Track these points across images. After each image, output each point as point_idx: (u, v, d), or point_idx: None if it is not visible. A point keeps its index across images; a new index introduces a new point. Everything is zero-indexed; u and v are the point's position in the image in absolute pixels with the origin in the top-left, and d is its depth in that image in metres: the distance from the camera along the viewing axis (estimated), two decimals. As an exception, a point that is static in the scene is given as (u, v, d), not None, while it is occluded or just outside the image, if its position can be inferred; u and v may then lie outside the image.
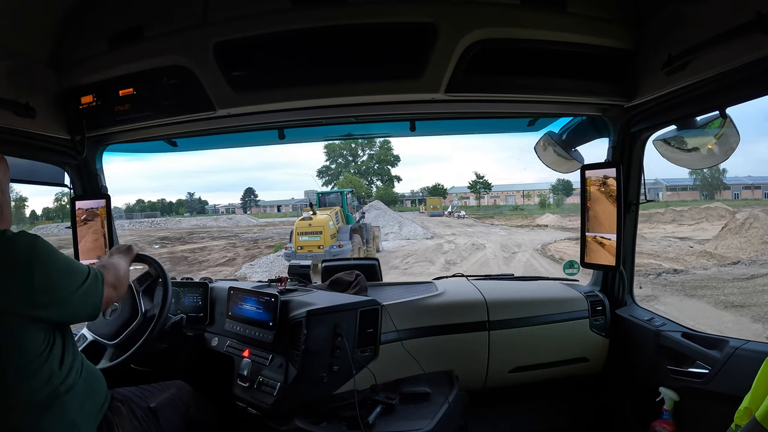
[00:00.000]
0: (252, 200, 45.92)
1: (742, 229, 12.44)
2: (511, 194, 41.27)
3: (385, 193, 40.46)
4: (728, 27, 1.12)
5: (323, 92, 1.53)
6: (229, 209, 44.52)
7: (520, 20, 1.44)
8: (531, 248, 14.73)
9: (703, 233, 14.78)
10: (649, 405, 1.68)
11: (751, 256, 10.99)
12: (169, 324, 1.66)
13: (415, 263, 12.69)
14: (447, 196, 40.46)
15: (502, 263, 12.48)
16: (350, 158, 43.57)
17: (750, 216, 12.79)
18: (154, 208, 43.07)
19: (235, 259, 14.95)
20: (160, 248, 18.75)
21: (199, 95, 1.55)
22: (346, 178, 39.68)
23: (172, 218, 36.97)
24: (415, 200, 42.44)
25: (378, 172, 43.74)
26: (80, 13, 1.58)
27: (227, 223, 32.58)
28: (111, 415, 1.20)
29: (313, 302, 1.59)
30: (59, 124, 1.72)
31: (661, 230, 17.47)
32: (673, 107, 1.52)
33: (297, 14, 1.44)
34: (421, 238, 18.41)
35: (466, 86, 1.50)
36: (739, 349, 1.42)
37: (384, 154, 43.24)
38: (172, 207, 44.25)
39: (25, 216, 31.30)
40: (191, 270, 13.64)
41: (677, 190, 33.59)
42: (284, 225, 25.34)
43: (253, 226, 28.80)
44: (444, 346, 1.79)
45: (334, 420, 1.45)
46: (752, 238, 11.83)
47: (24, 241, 1.03)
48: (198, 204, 45.00)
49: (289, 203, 45.98)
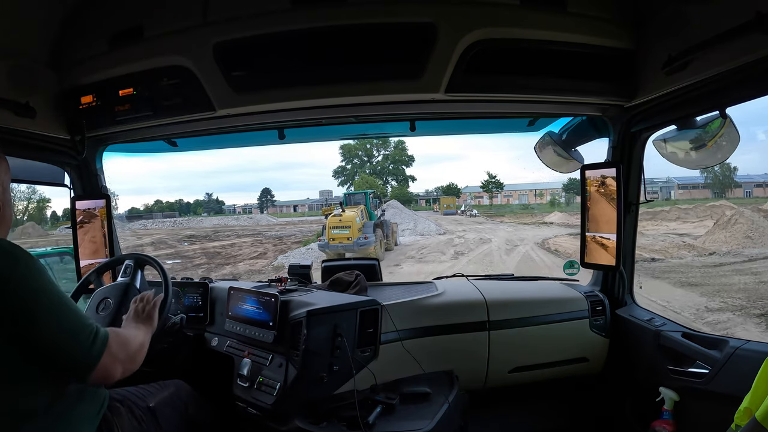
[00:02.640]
0: (269, 200, 46.41)
1: (728, 225, 13.47)
2: (525, 193, 41.64)
3: (400, 193, 41.03)
4: (728, 27, 1.12)
5: (323, 92, 1.53)
6: (246, 209, 45.09)
7: (520, 20, 1.44)
8: (532, 242, 15.95)
9: (704, 230, 15.39)
10: (649, 405, 1.68)
11: (730, 249, 12.13)
12: (169, 324, 1.66)
13: (428, 254, 14.38)
14: (461, 196, 41.34)
15: (504, 254, 13.89)
16: (365, 159, 44.00)
17: (736, 213, 13.88)
18: (172, 209, 43.67)
19: (266, 254, 16.30)
20: (189, 245, 19.35)
21: (199, 95, 1.55)
22: (362, 178, 40.16)
23: (193, 218, 37.53)
24: (429, 200, 43.13)
25: (393, 172, 44.31)
26: (80, 13, 1.59)
27: (248, 223, 33.51)
28: (110, 415, 1.20)
29: (313, 302, 1.59)
30: (59, 124, 1.72)
31: (664, 227, 18.11)
32: (673, 107, 1.52)
33: (297, 14, 1.44)
34: (434, 233, 20.03)
35: (466, 86, 1.50)
36: (739, 349, 1.42)
37: (399, 155, 43.80)
38: (189, 207, 44.91)
39: (47, 217, 31.29)
40: (228, 263, 14.76)
41: (689, 188, 33.71)
42: (303, 224, 28.25)
43: (274, 225, 30.15)
44: (444, 346, 1.79)
45: (334, 420, 1.45)
46: (736, 233, 12.87)
47: (9, 252, 0.95)
48: (215, 204, 45.60)
49: (305, 203, 46.63)
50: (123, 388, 1.34)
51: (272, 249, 17.40)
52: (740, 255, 11.43)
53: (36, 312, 0.94)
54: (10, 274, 0.93)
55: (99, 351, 1.01)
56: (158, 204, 45.29)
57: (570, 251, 13.21)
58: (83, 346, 0.99)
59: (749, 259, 11.00)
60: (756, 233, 12.62)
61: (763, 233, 12.59)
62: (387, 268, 11.74)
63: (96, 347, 1.00)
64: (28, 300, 0.94)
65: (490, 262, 12.89)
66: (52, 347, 0.97)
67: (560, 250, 13.86)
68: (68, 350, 0.98)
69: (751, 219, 13.26)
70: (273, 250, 17.20)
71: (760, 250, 11.59)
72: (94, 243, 2.02)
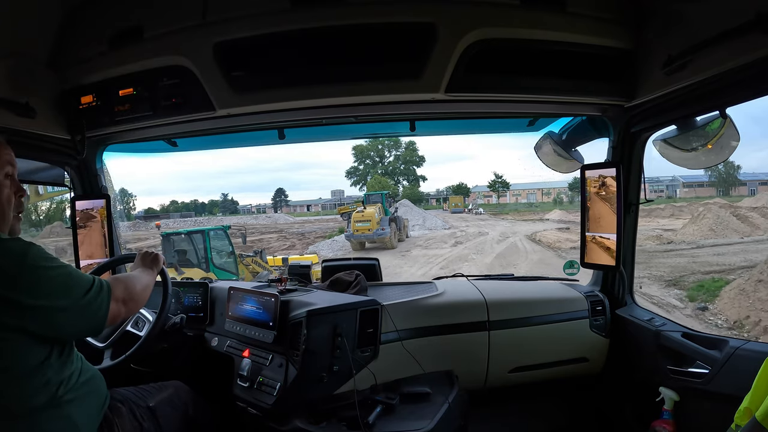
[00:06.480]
0: (282, 200, 46.92)
1: (697, 220, 15.43)
2: (532, 192, 42.06)
3: (411, 193, 42.47)
4: (728, 27, 1.12)
5: (323, 92, 1.53)
6: (260, 209, 45.92)
7: (520, 20, 1.44)
8: (522, 235, 18.85)
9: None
10: (649, 405, 1.68)
11: (692, 240, 14.02)
12: (169, 324, 1.66)
13: (433, 244, 17.84)
14: (470, 195, 42.86)
15: (495, 243, 16.89)
16: (377, 159, 44.61)
17: (705, 209, 15.97)
18: (188, 209, 44.45)
19: (294, 246, 19.57)
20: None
21: (199, 95, 1.55)
22: (375, 178, 41.49)
23: (211, 217, 38.43)
24: (439, 199, 44.89)
25: (404, 172, 45.65)
26: (80, 13, 1.58)
27: (267, 221, 35.19)
28: (111, 414, 1.20)
29: (313, 302, 1.59)
30: (59, 124, 1.72)
31: (654, 223, 19.57)
32: (673, 107, 1.52)
33: (296, 14, 1.43)
34: (440, 228, 23.54)
35: (465, 86, 1.50)
36: (739, 349, 1.42)
37: (410, 155, 44.81)
38: (204, 207, 45.76)
39: (66, 216, 31.61)
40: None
41: (694, 186, 33.91)
42: (320, 222, 31.31)
43: (293, 224, 32.70)
44: (444, 346, 1.79)
45: (334, 420, 1.45)
46: (703, 226, 14.79)
47: (17, 248, 0.99)
48: (231, 204, 46.02)
49: (317, 203, 47.48)
50: (124, 388, 1.34)
51: (299, 243, 20.57)
52: (693, 244, 13.38)
53: (52, 296, 0.99)
54: (22, 267, 0.97)
55: (107, 303, 1.08)
56: (174, 204, 46.28)
57: (551, 241, 16.21)
58: (93, 307, 1.06)
59: (697, 246, 12.93)
60: (719, 227, 14.50)
61: (726, 227, 14.45)
62: (399, 253, 15.75)
63: (103, 302, 1.08)
64: (43, 287, 0.99)
65: (482, 248, 15.85)
66: (70, 321, 1.03)
67: (543, 240, 16.56)
68: (83, 317, 1.05)
69: (717, 214, 15.09)
70: (299, 243, 20.41)
71: (713, 240, 13.49)
72: (95, 243, 2.02)
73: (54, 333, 1.02)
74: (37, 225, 20.43)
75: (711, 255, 11.43)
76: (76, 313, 1.03)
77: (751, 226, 14.49)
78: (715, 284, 8.69)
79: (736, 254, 11.17)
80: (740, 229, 14.33)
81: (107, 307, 1.08)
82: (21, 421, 0.98)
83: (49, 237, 17.63)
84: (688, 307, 7.99)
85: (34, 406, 0.99)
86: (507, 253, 14.45)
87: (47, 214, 19.96)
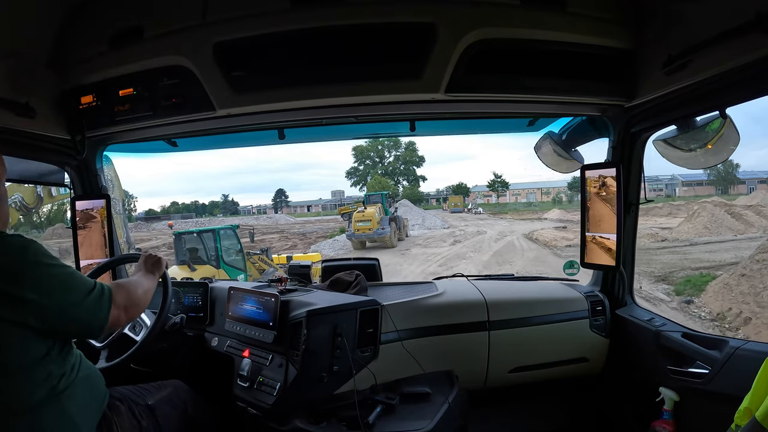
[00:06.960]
0: (283, 201, 47.08)
1: (692, 218, 15.50)
2: (532, 191, 42.14)
3: (411, 193, 42.73)
4: (728, 27, 1.12)
5: (323, 92, 1.53)
6: (260, 210, 46.14)
7: (520, 20, 1.44)
8: (519, 233, 19.10)
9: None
10: (649, 405, 1.68)
11: (685, 238, 13.99)
12: (169, 324, 1.66)
13: (432, 242, 18.10)
14: (470, 195, 42.96)
15: (492, 242, 17.12)
16: (377, 160, 44.77)
17: (700, 207, 15.99)
18: (189, 210, 44.71)
19: (296, 246, 19.73)
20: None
21: (199, 95, 1.55)
22: (375, 179, 41.64)
23: (212, 218, 38.61)
24: (439, 198, 45.27)
25: (404, 172, 45.92)
26: (80, 13, 1.58)
27: (268, 222, 35.41)
28: (110, 413, 1.20)
29: (313, 302, 1.59)
30: (59, 124, 1.72)
31: (652, 222, 19.74)
32: (673, 107, 1.52)
33: (296, 14, 1.43)
34: (440, 228, 23.77)
35: (465, 86, 1.50)
36: (739, 349, 1.42)
37: (409, 156, 44.98)
38: (205, 208, 45.92)
39: (67, 218, 31.78)
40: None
41: (693, 185, 33.97)
42: (320, 222, 31.47)
43: (294, 224, 32.95)
44: (444, 346, 1.79)
45: (334, 420, 1.45)
46: (698, 224, 14.86)
47: (18, 243, 1.00)
48: (231, 205, 46.21)
49: (318, 203, 47.74)
50: (123, 387, 1.34)
51: (300, 242, 20.92)
52: (686, 241, 13.45)
53: (53, 293, 1.01)
54: (23, 262, 0.99)
55: (107, 308, 1.10)
56: (174, 205, 46.52)
57: (547, 239, 16.37)
58: (94, 310, 1.08)
59: (690, 244, 13.04)
60: (713, 225, 14.57)
61: (721, 224, 14.53)
62: (399, 251, 15.87)
63: (104, 306, 1.09)
64: (44, 283, 1.00)
65: (480, 247, 16.07)
66: (69, 320, 1.04)
67: (540, 239, 16.81)
68: (83, 318, 1.07)
69: (712, 212, 15.16)
70: (301, 243, 20.72)
71: (707, 238, 13.52)
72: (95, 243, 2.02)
73: (54, 330, 1.03)
74: (38, 227, 20.43)
75: (703, 252, 11.58)
76: (76, 313, 1.04)
77: (745, 224, 14.62)
78: (702, 279, 8.88)
79: (727, 251, 11.26)
80: (734, 226, 14.45)
81: (108, 311, 1.10)
82: (20, 419, 0.98)
83: (51, 239, 17.67)
84: (674, 301, 8.11)
85: (34, 403, 1.00)
86: (504, 251, 14.68)
87: (48, 216, 20.03)
